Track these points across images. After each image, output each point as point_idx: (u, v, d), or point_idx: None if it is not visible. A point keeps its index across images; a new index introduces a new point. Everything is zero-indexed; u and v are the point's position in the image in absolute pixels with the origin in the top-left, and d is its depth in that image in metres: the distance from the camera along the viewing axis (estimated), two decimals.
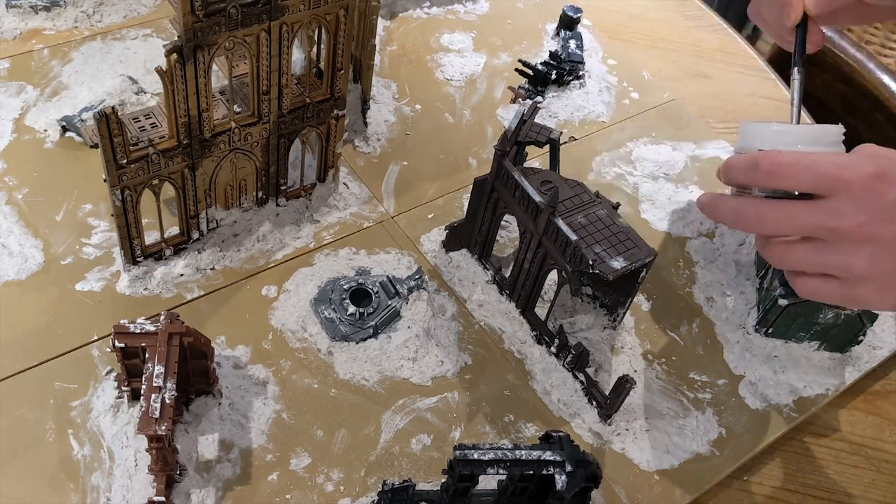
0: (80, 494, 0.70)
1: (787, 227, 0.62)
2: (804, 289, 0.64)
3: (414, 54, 1.16)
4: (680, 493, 0.78)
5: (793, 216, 0.61)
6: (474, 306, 0.89)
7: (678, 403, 0.84)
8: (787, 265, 0.64)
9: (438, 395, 0.81)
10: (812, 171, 0.60)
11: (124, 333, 0.69)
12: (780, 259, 0.64)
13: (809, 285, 0.63)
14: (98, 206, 0.90)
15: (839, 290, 0.62)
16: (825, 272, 0.62)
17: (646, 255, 0.78)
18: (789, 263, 0.64)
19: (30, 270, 0.84)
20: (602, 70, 1.19)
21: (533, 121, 0.86)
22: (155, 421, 0.64)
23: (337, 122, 0.88)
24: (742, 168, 0.63)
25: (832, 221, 0.59)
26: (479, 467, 0.62)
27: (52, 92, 1.00)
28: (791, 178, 0.61)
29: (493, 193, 0.86)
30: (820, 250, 0.61)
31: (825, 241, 0.61)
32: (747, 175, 0.63)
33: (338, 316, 0.84)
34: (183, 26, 0.69)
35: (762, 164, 0.61)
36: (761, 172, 0.62)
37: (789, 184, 0.61)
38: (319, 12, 0.77)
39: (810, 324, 0.87)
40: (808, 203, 0.60)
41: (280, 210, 0.92)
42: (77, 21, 1.09)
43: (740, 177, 0.64)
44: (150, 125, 0.84)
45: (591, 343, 0.86)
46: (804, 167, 0.60)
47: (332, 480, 0.74)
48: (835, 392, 0.87)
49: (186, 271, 0.86)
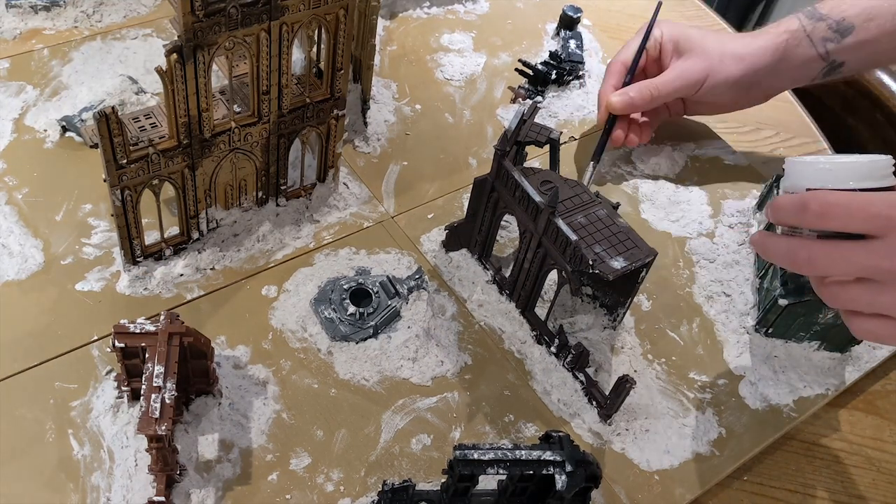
0: (79, 494, 0.70)
1: (840, 268, 0.61)
2: (860, 328, 0.63)
3: (414, 54, 1.16)
4: (680, 493, 0.78)
5: (845, 258, 0.60)
6: (474, 306, 0.89)
7: (678, 403, 0.84)
8: (842, 305, 0.63)
9: (438, 395, 0.81)
10: (864, 213, 0.59)
11: (124, 333, 0.69)
12: (835, 298, 0.63)
13: (865, 325, 0.62)
14: (98, 206, 0.90)
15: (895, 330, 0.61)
16: (881, 312, 0.61)
17: (646, 255, 0.78)
18: (845, 303, 0.62)
19: (30, 270, 0.84)
20: (602, 70, 1.18)
21: (533, 121, 0.86)
22: (155, 421, 0.64)
23: (337, 122, 0.88)
24: (791, 209, 0.62)
25: (887, 262, 0.58)
26: (479, 467, 0.62)
27: (52, 92, 1.00)
28: (842, 220, 0.59)
29: (493, 193, 0.86)
30: (876, 290, 0.60)
31: (880, 283, 0.60)
32: (797, 217, 0.62)
33: (338, 316, 0.84)
34: (183, 26, 0.69)
35: (811, 206, 0.60)
36: (810, 214, 0.60)
37: (840, 225, 0.60)
38: (319, 12, 0.77)
39: (810, 324, 0.87)
40: (861, 244, 0.59)
41: (280, 210, 0.92)
42: (77, 21, 1.09)
43: (790, 218, 0.63)
44: (150, 125, 0.84)
45: (591, 343, 0.86)
46: (855, 208, 0.59)
47: (332, 480, 0.74)
48: (835, 392, 0.87)
49: (186, 271, 0.86)
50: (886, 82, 1.26)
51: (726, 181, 1.06)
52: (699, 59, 0.98)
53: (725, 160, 1.10)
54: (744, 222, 1.01)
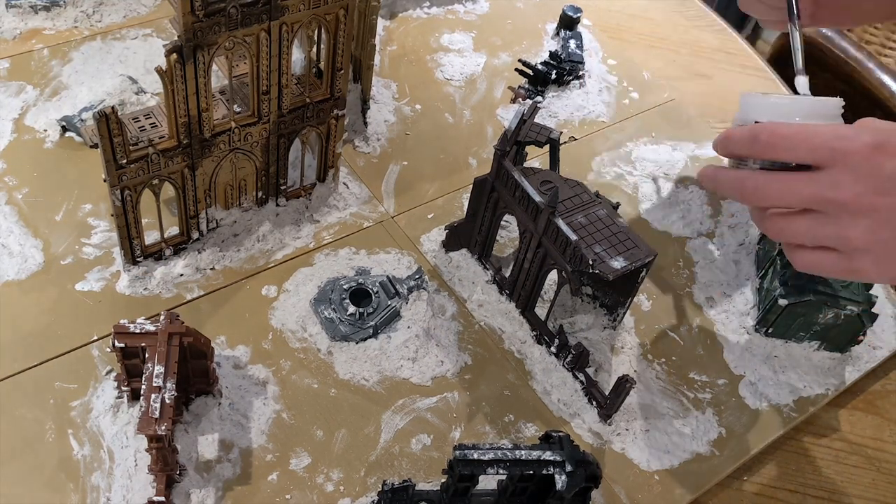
0: (79, 494, 0.70)
1: (785, 198, 0.61)
2: (802, 261, 0.63)
3: (414, 54, 1.16)
4: (680, 493, 0.78)
5: (791, 187, 0.61)
6: (474, 306, 0.89)
7: (678, 403, 0.84)
8: (786, 237, 0.63)
9: (438, 395, 0.81)
10: (810, 143, 0.59)
11: (124, 333, 0.69)
12: (780, 231, 0.63)
13: (807, 258, 0.63)
14: (98, 206, 0.90)
15: (837, 262, 0.61)
16: (824, 244, 0.61)
17: (646, 255, 0.78)
18: (788, 236, 0.63)
19: (30, 270, 0.84)
20: (602, 70, 1.19)
21: (533, 121, 0.86)
22: (155, 421, 0.64)
23: (337, 122, 0.88)
24: (741, 140, 0.63)
25: (830, 192, 0.59)
26: (479, 467, 0.62)
27: (52, 92, 1.00)
28: (790, 150, 0.60)
29: (493, 193, 0.86)
30: (819, 222, 0.60)
31: (824, 213, 0.60)
32: (746, 147, 0.63)
33: (338, 316, 0.84)
34: (183, 26, 0.69)
35: (761, 136, 0.61)
36: (760, 144, 0.61)
37: (788, 155, 0.61)
38: (319, 12, 0.77)
39: (810, 324, 0.87)
40: (807, 174, 0.60)
41: (280, 210, 0.92)
42: (77, 21, 1.09)
43: (739, 148, 0.63)
44: (150, 125, 0.84)
45: (591, 343, 0.86)
46: (803, 138, 0.60)
47: (331, 480, 0.74)
48: (835, 392, 0.87)
49: (186, 271, 0.86)
50: (886, 82, 1.26)
51: None
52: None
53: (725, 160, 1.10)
54: (743, 223, 1.01)
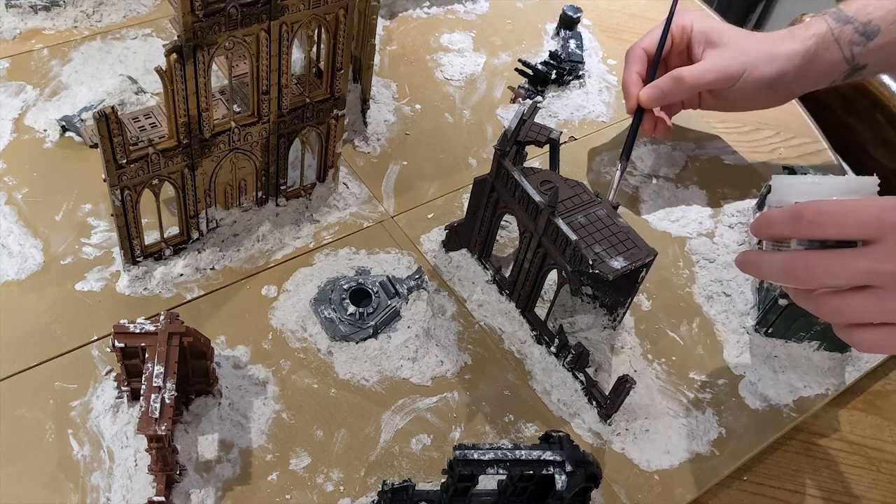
0: (79, 494, 0.70)
1: (840, 276, 0.59)
2: (864, 341, 0.61)
3: (414, 54, 1.16)
4: (680, 493, 0.78)
5: (846, 264, 0.58)
6: (474, 306, 0.89)
7: (678, 403, 0.84)
8: (846, 318, 0.61)
9: (438, 395, 0.81)
10: (859, 217, 0.58)
11: (124, 333, 0.69)
12: (838, 313, 0.61)
13: (870, 337, 0.60)
14: (98, 206, 0.90)
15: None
16: (888, 321, 0.59)
17: (646, 255, 0.78)
18: (848, 316, 0.60)
19: (29, 270, 0.84)
20: (602, 70, 1.19)
21: (533, 121, 0.86)
22: (155, 421, 0.64)
23: (337, 121, 0.88)
24: (783, 220, 0.61)
25: (887, 266, 0.57)
26: (479, 467, 0.62)
27: (52, 92, 1.00)
28: (837, 227, 0.59)
29: (492, 193, 0.86)
30: (880, 297, 0.58)
31: (883, 288, 0.58)
32: (789, 227, 0.61)
33: (338, 316, 0.84)
34: (183, 26, 0.69)
35: (805, 215, 0.59)
36: (804, 223, 0.59)
37: (835, 232, 0.59)
38: (319, 12, 0.77)
39: (810, 324, 0.87)
40: (861, 249, 0.58)
41: (280, 210, 0.92)
42: (77, 21, 1.08)
43: (781, 229, 0.61)
44: (150, 125, 0.84)
45: (591, 343, 0.86)
46: (850, 214, 0.58)
47: (331, 480, 0.74)
48: (835, 392, 0.87)
49: (186, 271, 0.86)
50: (886, 82, 1.26)
51: (726, 181, 1.07)
52: (737, 54, 0.94)
53: (725, 160, 1.10)
54: (744, 222, 1.01)
